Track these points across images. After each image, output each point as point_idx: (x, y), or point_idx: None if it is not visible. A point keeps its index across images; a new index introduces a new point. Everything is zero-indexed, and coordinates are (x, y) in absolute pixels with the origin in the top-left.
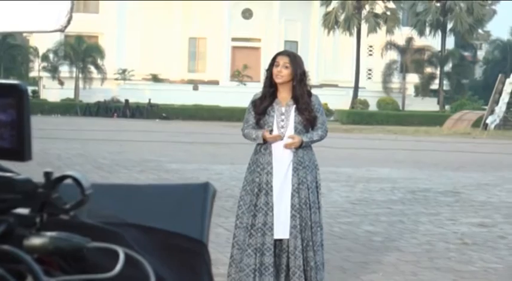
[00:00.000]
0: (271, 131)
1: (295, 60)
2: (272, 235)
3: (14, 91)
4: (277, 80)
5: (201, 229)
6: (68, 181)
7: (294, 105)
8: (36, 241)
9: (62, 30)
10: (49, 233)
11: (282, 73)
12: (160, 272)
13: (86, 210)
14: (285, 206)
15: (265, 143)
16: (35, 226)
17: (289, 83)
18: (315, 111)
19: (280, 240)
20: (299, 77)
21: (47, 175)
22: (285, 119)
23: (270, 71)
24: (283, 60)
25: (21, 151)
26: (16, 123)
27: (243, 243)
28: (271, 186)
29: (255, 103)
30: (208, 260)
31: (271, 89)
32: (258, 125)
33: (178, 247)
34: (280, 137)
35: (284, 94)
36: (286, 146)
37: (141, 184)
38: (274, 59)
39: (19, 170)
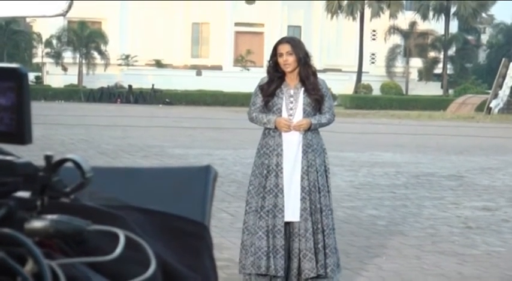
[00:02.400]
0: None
1: (296, 45)
2: (283, 217)
3: (14, 75)
4: (287, 70)
5: (202, 212)
6: (69, 164)
7: (302, 88)
8: (37, 224)
9: (63, 15)
10: (50, 216)
11: (289, 61)
12: (162, 255)
13: (87, 193)
14: (295, 188)
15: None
16: (36, 209)
17: (296, 69)
18: (323, 93)
19: (290, 223)
20: (303, 60)
21: (48, 158)
22: (293, 101)
23: (273, 61)
24: (285, 49)
25: (21, 134)
26: (16, 106)
27: (253, 226)
28: (282, 168)
29: (262, 87)
30: (210, 243)
31: (278, 73)
32: (267, 107)
33: (180, 230)
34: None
35: (292, 78)
36: (295, 128)
37: (142, 167)
38: (275, 49)
39: (22, 156)
